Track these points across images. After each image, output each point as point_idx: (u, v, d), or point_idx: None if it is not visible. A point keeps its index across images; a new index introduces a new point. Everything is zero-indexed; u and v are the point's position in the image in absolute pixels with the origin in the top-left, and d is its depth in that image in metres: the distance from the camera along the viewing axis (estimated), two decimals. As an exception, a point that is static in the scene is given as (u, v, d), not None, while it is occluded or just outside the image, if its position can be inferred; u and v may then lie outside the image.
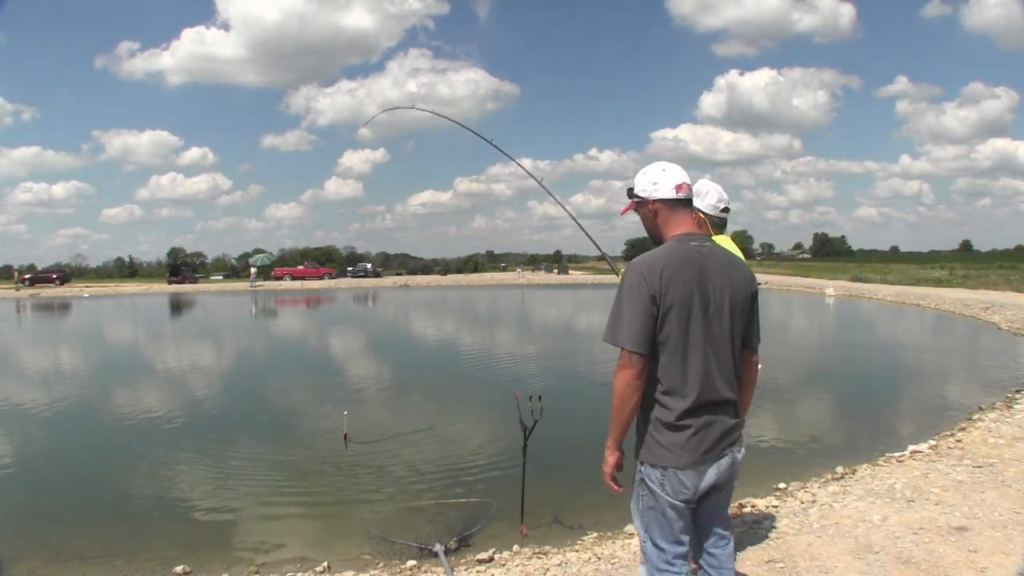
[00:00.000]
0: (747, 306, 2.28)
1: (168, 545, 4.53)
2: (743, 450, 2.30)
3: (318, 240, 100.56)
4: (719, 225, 3.29)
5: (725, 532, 2.38)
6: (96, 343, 18.75)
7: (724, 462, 2.23)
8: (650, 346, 2.14)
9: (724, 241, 3.27)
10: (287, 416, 8.67)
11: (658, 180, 2.31)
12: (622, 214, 2.47)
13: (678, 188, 2.29)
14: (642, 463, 2.24)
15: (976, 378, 9.93)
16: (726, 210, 3.27)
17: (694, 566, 2.38)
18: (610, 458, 2.26)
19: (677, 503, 2.19)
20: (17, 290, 45.53)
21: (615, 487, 2.30)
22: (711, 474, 2.21)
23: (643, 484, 2.24)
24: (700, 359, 2.17)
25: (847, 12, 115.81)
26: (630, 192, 2.39)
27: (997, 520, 3.85)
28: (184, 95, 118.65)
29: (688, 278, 2.16)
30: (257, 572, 4.11)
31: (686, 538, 2.25)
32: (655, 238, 2.35)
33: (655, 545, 2.25)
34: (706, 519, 2.33)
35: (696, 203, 3.11)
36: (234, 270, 73.70)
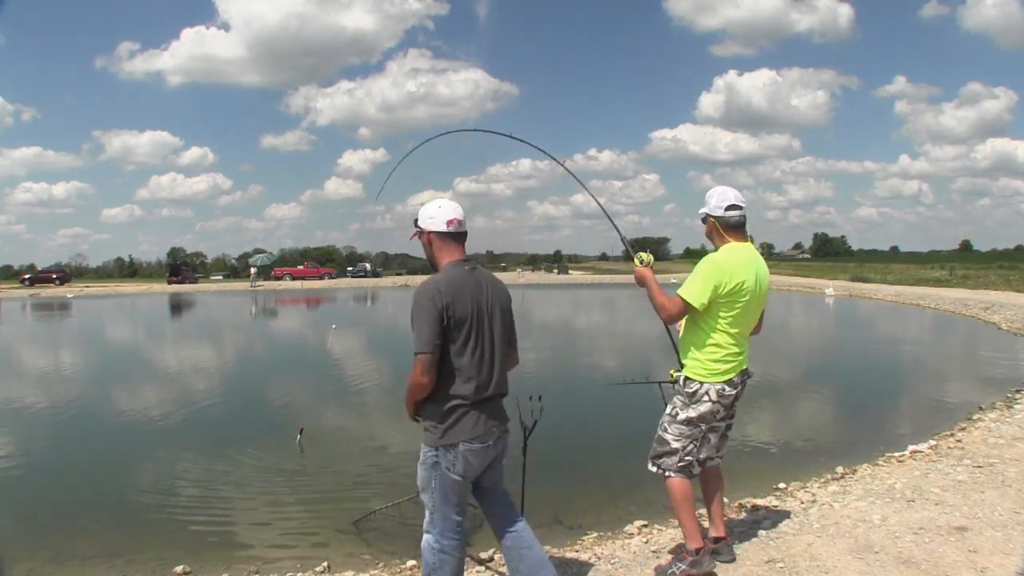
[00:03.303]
0: (510, 313, 2.85)
1: (168, 545, 4.53)
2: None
3: (318, 240, 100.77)
4: (733, 225, 3.27)
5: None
6: (76, 346, 18.73)
7: (496, 438, 2.75)
8: (439, 348, 2.59)
9: (745, 248, 3.24)
10: (287, 416, 8.66)
11: (434, 215, 2.77)
12: (411, 239, 2.92)
13: (449, 223, 2.76)
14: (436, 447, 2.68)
15: (976, 378, 9.93)
16: (733, 207, 3.25)
17: None
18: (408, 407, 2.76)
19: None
20: None
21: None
22: (490, 452, 2.74)
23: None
24: (483, 358, 2.68)
25: (845, 12, 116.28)
26: (416, 222, 2.84)
27: (997, 520, 3.85)
28: (184, 95, 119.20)
29: (468, 297, 2.66)
30: (257, 572, 4.11)
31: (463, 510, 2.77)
32: (432, 263, 2.82)
33: (444, 516, 2.72)
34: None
35: (703, 209, 3.24)
36: (234, 270, 73.82)
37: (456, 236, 2.78)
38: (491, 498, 2.93)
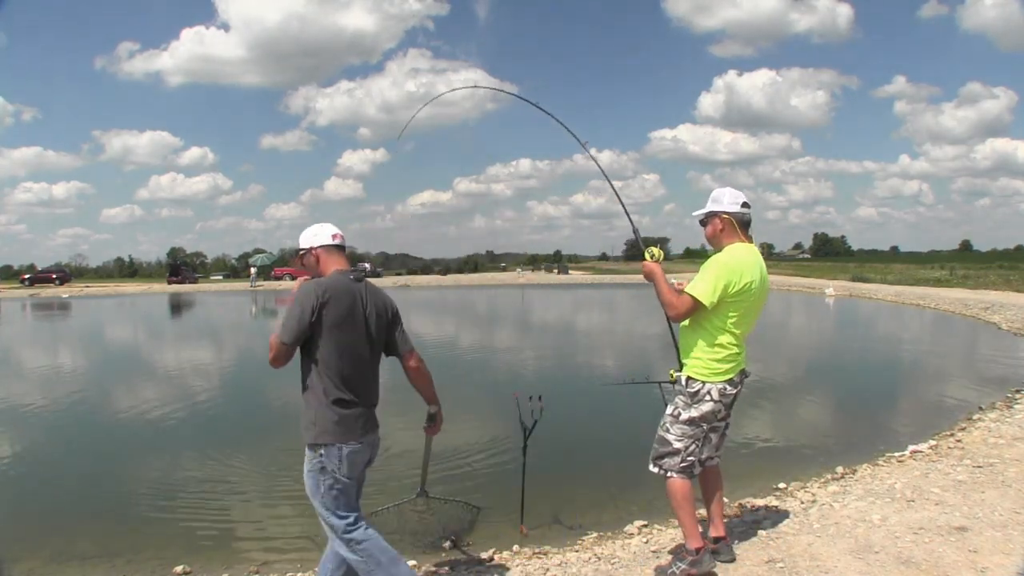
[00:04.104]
0: (388, 322, 2.96)
1: (168, 545, 4.52)
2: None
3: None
4: (745, 223, 3.33)
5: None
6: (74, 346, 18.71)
7: (371, 439, 2.89)
8: (299, 341, 2.74)
9: (750, 249, 3.28)
10: (287, 416, 8.66)
11: (318, 232, 2.95)
12: (299, 267, 3.06)
13: (333, 236, 2.96)
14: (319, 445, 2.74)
15: (976, 378, 9.92)
16: (746, 205, 3.32)
17: None
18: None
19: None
20: None
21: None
22: (366, 454, 2.87)
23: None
24: (357, 363, 2.82)
25: (845, 12, 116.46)
26: (298, 251, 2.99)
27: (997, 520, 3.85)
28: (184, 95, 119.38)
29: (345, 300, 2.79)
30: (257, 572, 4.10)
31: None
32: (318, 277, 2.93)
33: (339, 516, 2.76)
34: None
35: (714, 208, 3.26)
36: (234, 270, 73.86)
37: (340, 248, 3.00)
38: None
